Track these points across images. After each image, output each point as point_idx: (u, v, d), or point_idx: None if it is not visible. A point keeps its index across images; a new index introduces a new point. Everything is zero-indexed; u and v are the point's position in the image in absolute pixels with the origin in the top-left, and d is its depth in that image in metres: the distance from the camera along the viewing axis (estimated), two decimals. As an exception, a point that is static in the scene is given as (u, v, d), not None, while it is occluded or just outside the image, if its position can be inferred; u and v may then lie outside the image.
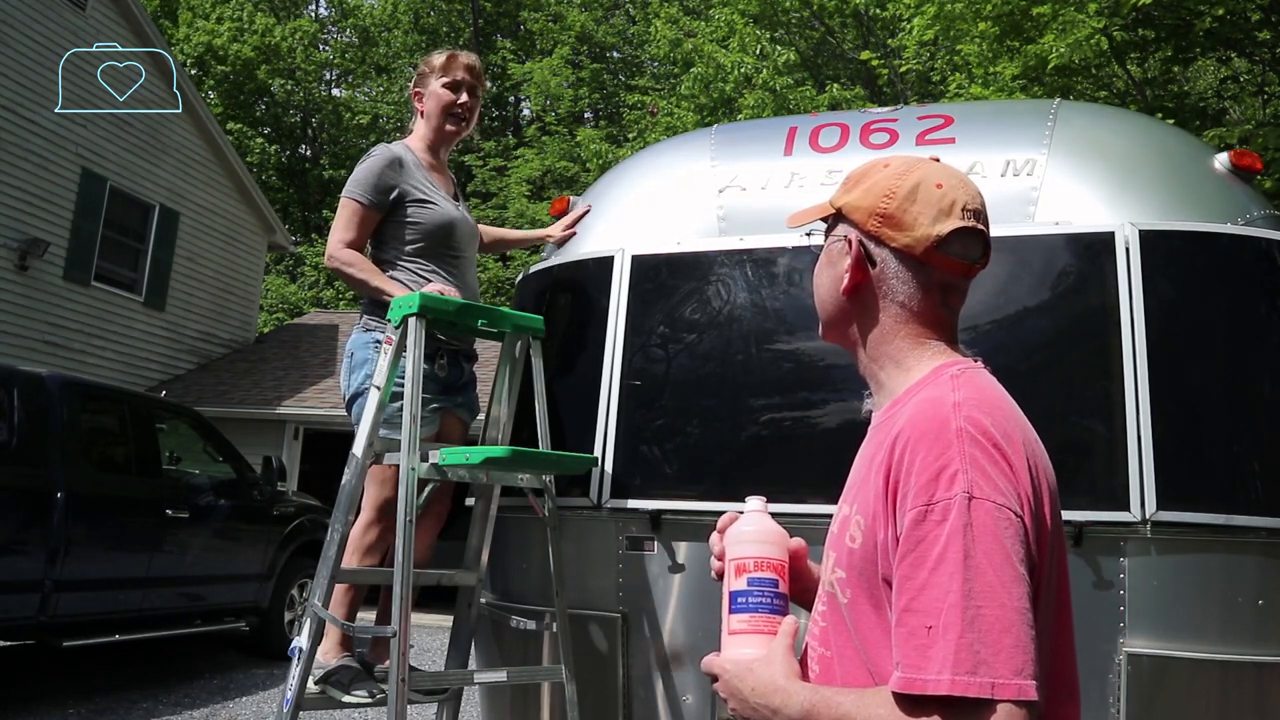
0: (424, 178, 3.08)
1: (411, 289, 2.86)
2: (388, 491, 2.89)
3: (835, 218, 1.32)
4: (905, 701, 1.02)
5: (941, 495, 1.05)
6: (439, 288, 2.88)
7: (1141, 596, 2.37)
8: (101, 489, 6.43)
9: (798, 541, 1.34)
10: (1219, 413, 2.57)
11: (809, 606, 1.36)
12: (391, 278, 2.98)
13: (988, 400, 1.15)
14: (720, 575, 1.30)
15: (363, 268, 2.97)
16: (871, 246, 1.26)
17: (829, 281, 1.32)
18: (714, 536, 1.34)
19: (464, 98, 3.14)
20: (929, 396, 1.16)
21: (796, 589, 1.32)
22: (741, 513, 1.31)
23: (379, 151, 3.06)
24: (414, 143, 3.17)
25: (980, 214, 1.25)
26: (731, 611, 1.22)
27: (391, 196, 3.00)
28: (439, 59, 3.18)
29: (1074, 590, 1.22)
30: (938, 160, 1.29)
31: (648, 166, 3.41)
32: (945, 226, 1.22)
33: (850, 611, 1.16)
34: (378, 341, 2.92)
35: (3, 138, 11.13)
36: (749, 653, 1.19)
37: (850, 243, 1.27)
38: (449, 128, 3.15)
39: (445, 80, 3.13)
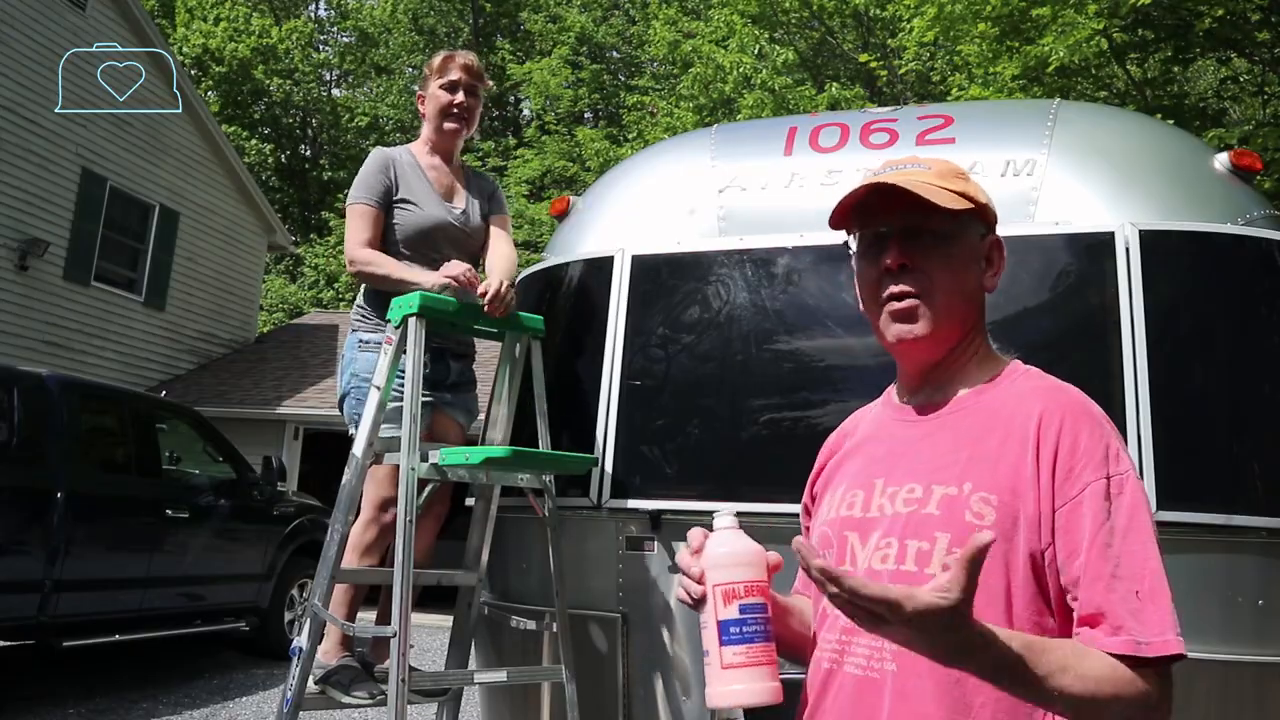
0: (416, 180, 3.09)
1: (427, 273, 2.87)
2: (385, 490, 2.89)
3: (968, 214, 1.29)
4: (1129, 663, 1.07)
5: (1115, 470, 1.14)
6: (455, 272, 2.85)
7: (1141, 596, 2.36)
8: (101, 489, 6.43)
9: (774, 557, 1.26)
10: (1219, 413, 2.56)
11: (778, 635, 1.25)
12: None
13: None
14: (694, 600, 1.21)
15: (382, 263, 2.96)
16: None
17: (974, 277, 1.31)
18: (685, 556, 1.24)
19: (460, 97, 3.13)
20: (1047, 385, 1.24)
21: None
22: (711, 526, 1.23)
23: (372, 155, 3.13)
24: (416, 146, 3.20)
25: None
26: (725, 643, 1.13)
27: (390, 194, 3.04)
28: (436, 60, 3.20)
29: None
30: None
31: (648, 166, 3.41)
32: None
33: (978, 592, 1.10)
34: (362, 341, 2.99)
35: (3, 138, 11.13)
36: (742, 688, 1.11)
37: (998, 242, 1.33)
38: (448, 126, 3.14)
39: (441, 81, 3.14)
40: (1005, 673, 1.01)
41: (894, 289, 1.27)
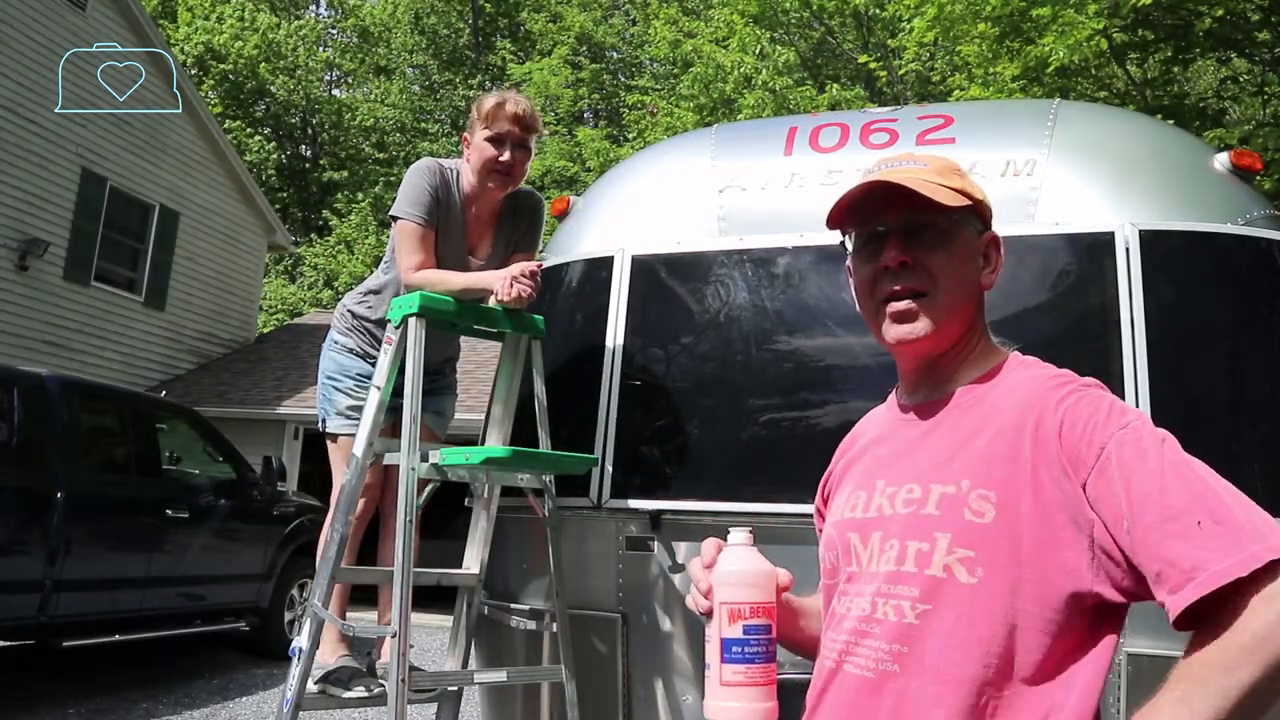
0: (454, 221, 2.92)
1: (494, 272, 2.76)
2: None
3: (966, 211, 1.29)
4: (1236, 598, 0.97)
5: (1120, 421, 1.11)
6: (519, 270, 2.69)
7: (1141, 596, 2.36)
8: (101, 489, 6.43)
9: (784, 574, 1.28)
10: (1219, 412, 2.57)
11: (790, 637, 1.34)
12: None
13: None
14: (706, 613, 1.23)
15: (439, 282, 2.77)
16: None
17: (973, 274, 1.31)
18: (697, 568, 1.26)
19: (506, 156, 2.81)
20: (1038, 374, 1.26)
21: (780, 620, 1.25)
22: (727, 536, 1.25)
23: (424, 166, 2.89)
24: (465, 180, 2.94)
25: None
26: (725, 661, 1.16)
27: (436, 214, 2.85)
28: (488, 104, 2.84)
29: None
30: None
31: (647, 166, 3.41)
32: None
33: (982, 590, 1.11)
34: (334, 341, 3.11)
35: (3, 138, 11.13)
36: (738, 705, 1.14)
37: (996, 239, 1.33)
38: (490, 185, 2.87)
39: (488, 133, 2.82)
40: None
41: (894, 288, 1.25)
